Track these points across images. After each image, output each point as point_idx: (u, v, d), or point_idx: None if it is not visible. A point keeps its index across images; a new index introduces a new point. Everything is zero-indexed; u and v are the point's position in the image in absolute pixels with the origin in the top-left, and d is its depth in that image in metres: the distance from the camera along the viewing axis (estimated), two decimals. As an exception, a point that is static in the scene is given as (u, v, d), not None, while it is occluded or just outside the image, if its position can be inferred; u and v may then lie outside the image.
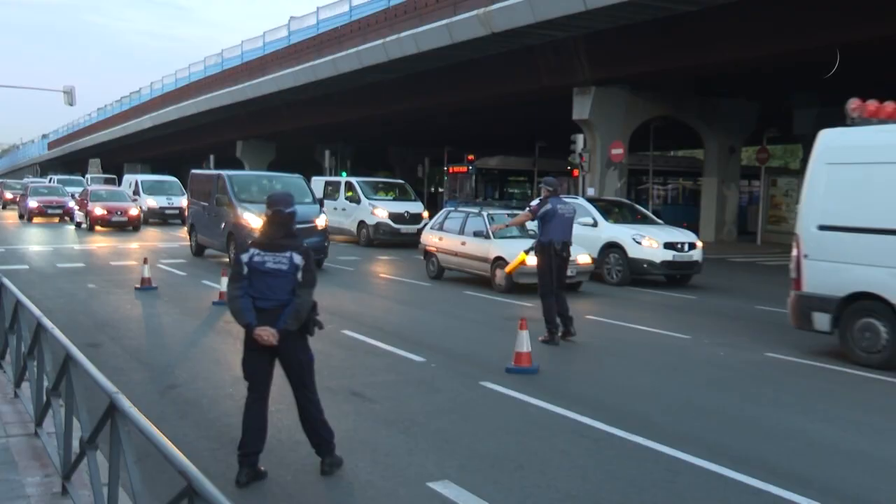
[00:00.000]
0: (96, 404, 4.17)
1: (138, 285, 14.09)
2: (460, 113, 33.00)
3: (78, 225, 29.91)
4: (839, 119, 9.54)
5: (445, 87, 28.43)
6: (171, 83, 49.12)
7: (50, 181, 44.72)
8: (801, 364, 9.33)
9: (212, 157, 46.14)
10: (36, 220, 33.40)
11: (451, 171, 35.89)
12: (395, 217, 24.46)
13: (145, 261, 14.76)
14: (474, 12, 21.94)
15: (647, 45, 21.16)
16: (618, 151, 24.19)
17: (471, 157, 34.73)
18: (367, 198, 25.20)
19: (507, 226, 13.55)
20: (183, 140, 52.93)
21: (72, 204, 32.79)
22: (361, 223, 24.89)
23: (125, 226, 28.46)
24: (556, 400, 7.24)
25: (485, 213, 15.66)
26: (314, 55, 31.11)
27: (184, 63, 51.10)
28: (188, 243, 21.16)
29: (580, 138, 24.64)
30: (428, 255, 16.79)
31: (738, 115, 27.13)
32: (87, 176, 51.59)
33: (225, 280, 11.19)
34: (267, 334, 5.06)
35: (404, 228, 24.24)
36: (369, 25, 27.42)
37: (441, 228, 16.59)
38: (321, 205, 18.76)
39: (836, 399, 7.86)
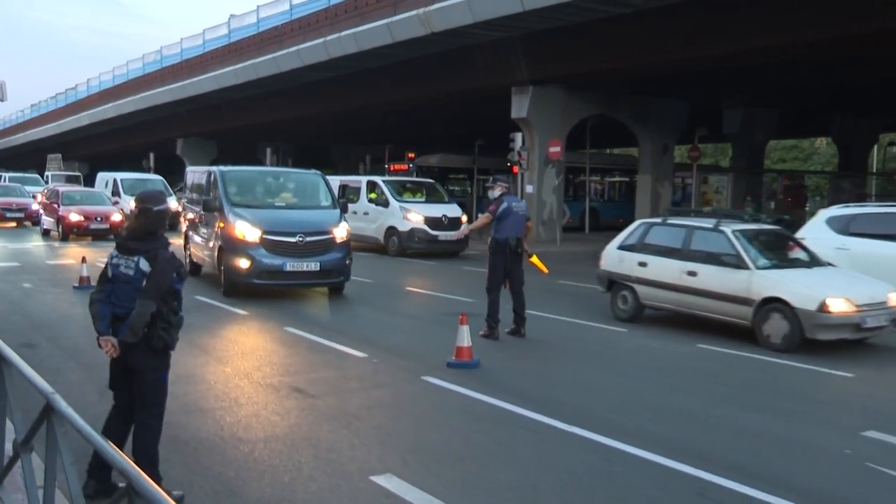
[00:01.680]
0: (31, 405, 4.12)
1: (76, 284, 13.80)
2: (401, 111, 33.03)
3: (46, 232, 25.52)
4: (764, 119, 9.77)
5: (386, 86, 28.45)
6: (109, 80, 47.98)
7: (2, 180, 39.20)
8: None
9: (151, 156, 45.11)
10: None
11: (392, 168, 35.87)
12: (431, 222, 20.97)
13: (84, 259, 14.42)
14: (414, 12, 22.03)
15: (582, 46, 21.51)
16: (555, 149, 24.54)
17: (412, 154, 34.81)
18: (396, 200, 21.90)
19: (470, 230, 12.91)
20: (121, 138, 51.77)
21: (36, 206, 28.75)
22: (391, 229, 21.39)
23: (106, 234, 23.72)
24: (497, 393, 7.35)
25: (728, 230, 10.51)
26: (255, 53, 30.84)
27: (123, 60, 49.73)
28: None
29: (519, 136, 24.88)
30: (618, 287, 11.66)
31: (670, 115, 27.69)
32: (47, 174, 46.68)
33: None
34: (108, 345, 4.78)
35: (442, 235, 20.89)
36: (310, 24, 27.33)
37: (643, 249, 11.46)
38: (344, 209, 14.53)
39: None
